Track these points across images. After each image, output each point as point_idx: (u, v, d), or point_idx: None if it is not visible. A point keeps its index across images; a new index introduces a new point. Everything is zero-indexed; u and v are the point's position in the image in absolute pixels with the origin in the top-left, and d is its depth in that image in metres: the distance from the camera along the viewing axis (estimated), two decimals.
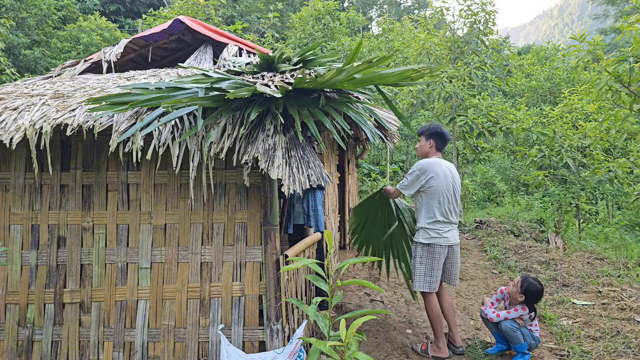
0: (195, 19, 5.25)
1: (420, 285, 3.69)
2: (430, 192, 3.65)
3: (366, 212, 4.43)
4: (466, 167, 15.55)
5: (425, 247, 3.68)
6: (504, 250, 7.18)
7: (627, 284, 5.25)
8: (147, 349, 3.23)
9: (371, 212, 4.40)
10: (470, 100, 9.60)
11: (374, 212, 4.39)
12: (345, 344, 2.21)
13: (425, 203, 3.70)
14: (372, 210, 4.39)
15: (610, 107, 9.29)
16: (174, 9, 14.57)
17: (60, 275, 3.30)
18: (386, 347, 3.87)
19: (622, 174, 8.25)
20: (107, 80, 4.01)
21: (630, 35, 6.19)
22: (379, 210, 4.36)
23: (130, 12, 25.28)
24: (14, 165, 3.36)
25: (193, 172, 2.95)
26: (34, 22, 17.25)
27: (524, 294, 3.54)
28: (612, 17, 25.72)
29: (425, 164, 3.68)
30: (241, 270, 3.26)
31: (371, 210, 4.39)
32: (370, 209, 4.39)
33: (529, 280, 3.57)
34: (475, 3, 9.90)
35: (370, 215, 4.41)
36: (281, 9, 22.76)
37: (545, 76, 17.36)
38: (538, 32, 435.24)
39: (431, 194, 3.65)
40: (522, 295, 3.55)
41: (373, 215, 4.40)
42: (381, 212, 4.37)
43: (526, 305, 3.56)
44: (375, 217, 4.39)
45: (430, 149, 3.81)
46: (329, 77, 2.69)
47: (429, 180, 3.63)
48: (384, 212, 4.37)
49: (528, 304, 3.56)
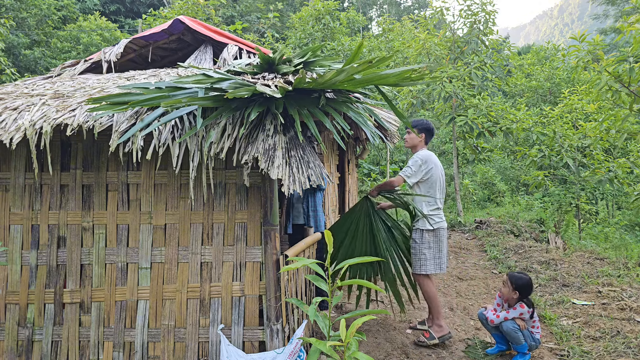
0: (195, 19, 5.25)
1: (431, 268, 3.98)
2: (431, 182, 4.02)
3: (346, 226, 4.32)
4: (466, 167, 15.55)
5: (432, 232, 4.01)
6: (504, 250, 7.18)
7: (627, 284, 5.25)
8: (147, 349, 3.23)
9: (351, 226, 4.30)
10: (470, 100, 9.59)
11: (354, 225, 4.29)
12: (345, 344, 2.21)
13: (425, 192, 4.04)
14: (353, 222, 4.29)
15: (610, 107, 9.29)
16: (174, 9, 14.57)
17: (60, 275, 3.30)
18: (386, 347, 3.87)
19: (622, 174, 8.25)
20: (107, 80, 4.01)
21: (630, 35, 6.19)
22: (360, 222, 4.27)
23: (130, 12, 25.27)
24: (14, 165, 3.36)
25: (193, 172, 2.95)
26: (34, 22, 17.25)
27: (517, 290, 3.58)
28: (612, 17, 25.72)
29: (425, 155, 4.05)
30: (241, 270, 3.26)
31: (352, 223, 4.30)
32: (351, 221, 4.31)
33: (516, 275, 3.65)
34: (475, 3, 9.90)
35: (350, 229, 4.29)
36: (281, 9, 22.75)
37: (545, 76, 17.36)
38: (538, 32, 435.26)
39: (432, 183, 4.02)
40: (516, 292, 3.58)
41: (354, 229, 4.28)
42: (362, 223, 4.27)
43: (523, 302, 3.58)
44: (356, 229, 4.28)
45: (420, 143, 4.17)
46: (329, 77, 2.69)
47: (430, 170, 4.00)
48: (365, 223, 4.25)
49: (523, 298, 3.60)
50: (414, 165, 4.00)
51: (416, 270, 4.03)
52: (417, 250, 4.01)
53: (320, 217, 4.80)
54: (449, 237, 8.63)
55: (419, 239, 4.01)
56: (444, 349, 3.88)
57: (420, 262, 3.99)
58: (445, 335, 3.94)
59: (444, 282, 5.76)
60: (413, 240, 4.06)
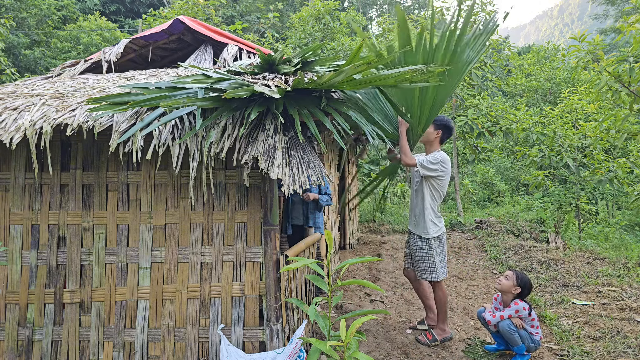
0: (195, 19, 5.25)
1: (442, 274, 3.94)
2: (439, 186, 3.87)
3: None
4: (466, 167, 15.55)
5: (437, 239, 3.92)
6: (504, 250, 7.18)
7: (627, 284, 5.25)
8: (147, 349, 3.23)
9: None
10: (470, 100, 9.60)
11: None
12: (345, 344, 2.21)
13: (429, 195, 3.88)
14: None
15: (610, 107, 9.28)
16: (174, 9, 14.56)
17: (60, 275, 3.30)
18: (386, 347, 3.87)
19: (622, 174, 8.25)
20: (107, 80, 4.01)
21: (630, 35, 6.19)
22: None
23: (130, 12, 25.27)
24: (14, 165, 3.36)
25: (193, 172, 2.95)
26: (34, 22, 17.24)
27: (520, 286, 3.58)
28: (612, 17, 25.70)
29: (445, 157, 3.84)
30: (241, 270, 3.26)
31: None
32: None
33: (521, 273, 3.66)
34: (475, 3, 9.91)
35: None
36: (281, 9, 22.75)
37: (545, 76, 17.36)
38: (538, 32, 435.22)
39: (439, 187, 3.88)
40: (517, 288, 3.58)
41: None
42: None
43: (518, 300, 3.57)
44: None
45: (435, 140, 3.93)
46: (328, 78, 2.69)
47: (444, 172, 3.83)
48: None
49: (522, 297, 3.60)
50: (434, 161, 3.76)
51: (428, 278, 3.96)
52: (427, 258, 3.93)
53: (318, 219, 4.79)
54: (449, 237, 8.63)
55: (426, 247, 3.92)
56: (444, 348, 3.88)
57: (431, 270, 3.93)
58: (447, 337, 3.97)
59: (444, 282, 5.76)
60: (420, 248, 3.95)
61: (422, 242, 3.93)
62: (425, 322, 4.18)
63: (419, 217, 3.92)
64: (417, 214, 3.94)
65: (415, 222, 3.97)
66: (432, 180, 3.85)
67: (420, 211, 3.91)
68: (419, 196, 3.94)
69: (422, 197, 3.90)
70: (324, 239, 4.89)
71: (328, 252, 2.47)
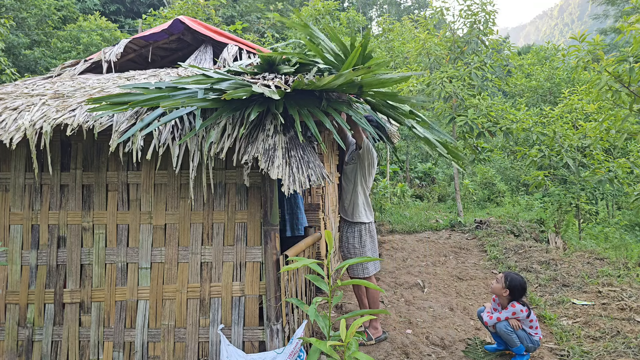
0: (195, 19, 5.25)
1: (372, 268, 3.71)
2: (368, 171, 3.69)
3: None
4: (466, 167, 15.55)
5: (366, 225, 3.67)
6: (504, 250, 7.18)
7: (627, 284, 5.25)
8: (147, 349, 3.23)
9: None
10: (470, 100, 9.60)
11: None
12: (345, 344, 2.21)
13: (360, 179, 3.70)
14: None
15: (610, 107, 9.27)
16: (174, 9, 14.56)
17: (60, 275, 3.30)
18: (386, 347, 3.87)
19: (622, 174, 8.24)
20: (107, 80, 4.01)
21: (630, 35, 6.19)
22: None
23: (130, 12, 25.27)
24: (14, 165, 3.36)
25: (193, 172, 2.95)
26: (34, 22, 17.23)
27: (508, 289, 3.56)
28: (612, 17, 25.70)
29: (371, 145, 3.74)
30: (241, 270, 3.26)
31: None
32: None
33: (512, 274, 3.63)
34: (475, 3, 9.91)
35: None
36: (281, 9, 22.75)
37: (545, 76, 17.34)
38: (538, 32, 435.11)
39: (368, 173, 3.69)
40: (506, 290, 3.57)
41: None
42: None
43: (515, 302, 3.56)
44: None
45: (505, 296, 3.63)
46: (327, 81, 2.70)
47: (373, 155, 3.68)
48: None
49: (515, 299, 3.58)
50: (369, 146, 3.68)
51: (359, 274, 3.68)
52: (358, 249, 3.61)
53: (300, 218, 4.70)
54: (449, 237, 8.63)
55: (357, 233, 3.59)
56: (444, 348, 3.88)
57: (363, 265, 3.61)
58: (380, 337, 3.92)
59: (444, 282, 5.76)
60: (351, 236, 3.60)
61: (354, 228, 3.74)
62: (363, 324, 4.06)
63: (351, 202, 3.78)
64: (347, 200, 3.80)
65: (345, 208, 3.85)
66: (365, 164, 3.72)
67: (350, 196, 3.76)
68: (349, 179, 3.81)
69: (353, 179, 3.76)
70: (324, 239, 4.88)
71: (328, 252, 2.47)
